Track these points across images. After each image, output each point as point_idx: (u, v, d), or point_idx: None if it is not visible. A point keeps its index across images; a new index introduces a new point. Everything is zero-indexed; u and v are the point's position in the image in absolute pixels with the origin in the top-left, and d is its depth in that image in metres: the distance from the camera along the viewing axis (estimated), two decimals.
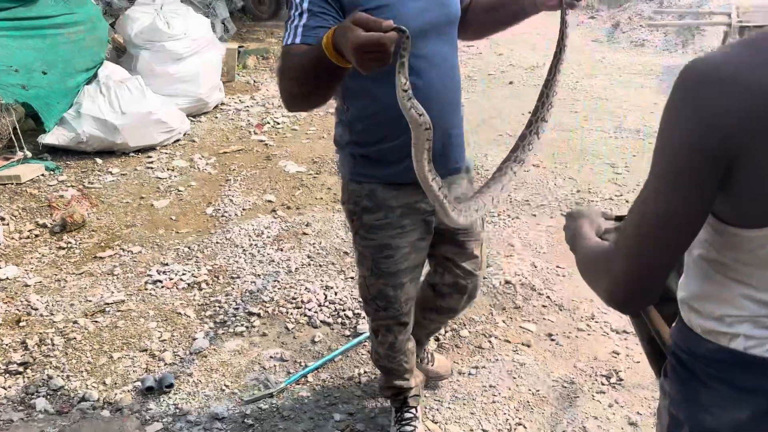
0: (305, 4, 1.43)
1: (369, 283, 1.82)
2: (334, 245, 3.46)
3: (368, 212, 1.72)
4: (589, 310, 2.70)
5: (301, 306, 2.89)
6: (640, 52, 6.59)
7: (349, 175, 1.74)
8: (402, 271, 1.79)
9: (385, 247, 1.74)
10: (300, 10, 1.43)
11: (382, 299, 1.83)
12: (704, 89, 0.79)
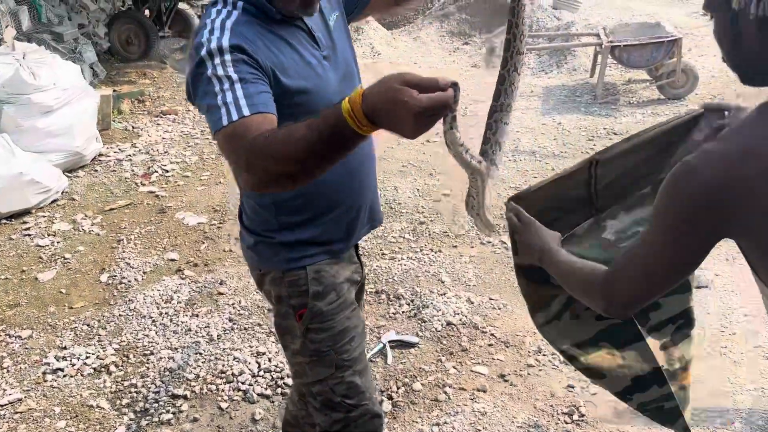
0: (233, 74, 1.21)
1: (334, 383, 1.55)
2: (255, 303, 3.20)
3: (319, 298, 1.49)
4: (535, 343, 2.67)
5: (233, 380, 2.61)
6: None
7: (283, 266, 1.49)
8: (362, 353, 1.60)
9: (344, 331, 1.53)
10: (228, 83, 1.20)
11: (353, 395, 1.57)
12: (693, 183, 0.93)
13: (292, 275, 1.49)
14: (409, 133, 1.00)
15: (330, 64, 1.43)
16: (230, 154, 1.18)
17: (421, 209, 4.06)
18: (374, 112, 1.01)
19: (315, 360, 1.53)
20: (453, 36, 8.49)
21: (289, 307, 1.51)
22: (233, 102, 1.18)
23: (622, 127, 5.15)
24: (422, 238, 3.71)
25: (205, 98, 1.22)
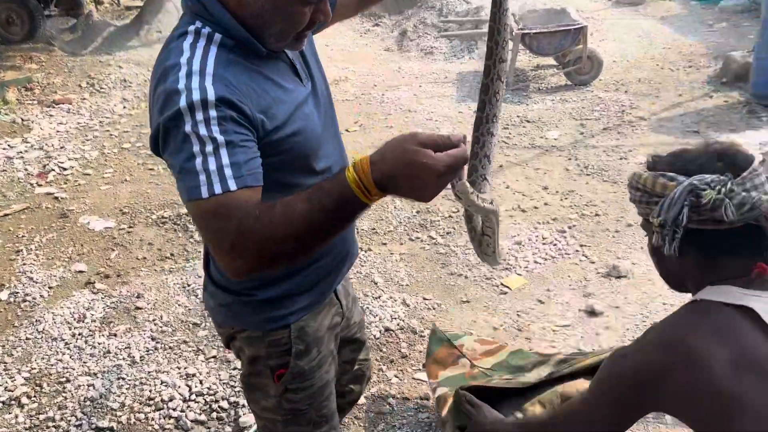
0: (218, 136, 1.02)
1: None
2: (178, 317, 3.02)
3: (302, 357, 1.38)
4: None
5: (163, 407, 2.45)
6: (432, 60, 6.90)
7: (264, 326, 1.36)
8: (335, 408, 1.53)
9: (323, 387, 1.45)
10: (211, 146, 1.01)
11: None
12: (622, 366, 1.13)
13: (274, 335, 1.36)
14: (429, 195, 0.95)
15: (313, 100, 1.28)
16: (209, 234, 1.04)
17: None
18: (389, 179, 0.94)
19: (290, 419, 1.43)
20: (363, 17, 8.36)
21: (266, 367, 1.39)
22: (216, 171, 1.01)
23: (535, 115, 5.28)
24: None
25: (179, 156, 1.03)
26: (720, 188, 1.04)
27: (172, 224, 3.89)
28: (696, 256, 1.11)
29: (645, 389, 1.07)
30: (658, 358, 1.06)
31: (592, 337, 2.74)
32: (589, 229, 3.60)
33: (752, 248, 1.09)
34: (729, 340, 1.03)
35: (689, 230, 1.07)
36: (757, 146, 4.42)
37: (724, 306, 1.06)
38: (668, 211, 1.07)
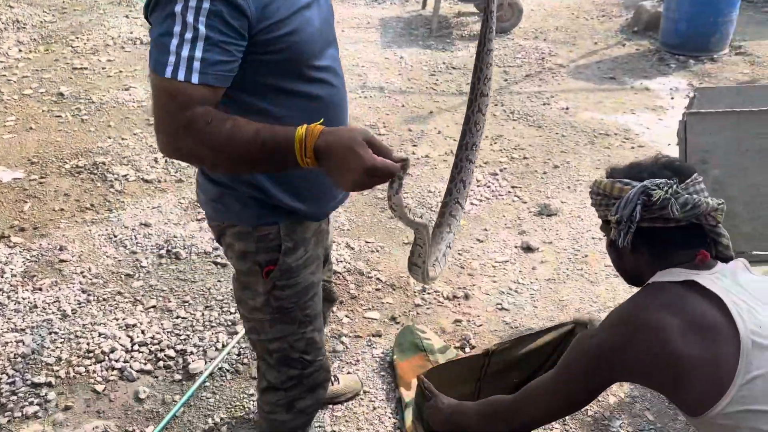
0: (201, 27, 1.05)
1: (294, 339, 1.51)
2: (108, 268, 2.87)
3: (290, 254, 1.41)
4: (419, 284, 2.73)
5: (104, 359, 2.34)
6: (352, 4, 6.74)
7: (253, 221, 1.38)
8: (320, 308, 1.58)
9: (309, 287, 1.49)
10: (192, 34, 1.05)
11: (311, 351, 1.55)
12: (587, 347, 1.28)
13: (263, 230, 1.39)
14: (349, 183, 1.06)
15: (316, 6, 1.27)
16: (159, 109, 1.11)
17: None
18: (326, 151, 1.05)
19: (277, 317, 1.47)
20: None
21: (255, 263, 1.42)
22: (186, 59, 1.05)
23: (459, 62, 5.31)
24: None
25: (159, 26, 1.07)
26: (667, 189, 1.22)
27: (89, 174, 3.65)
28: (648, 250, 1.29)
29: (609, 362, 1.23)
30: (618, 333, 1.23)
31: (529, 272, 2.85)
32: (519, 171, 3.71)
33: (696, 242, 1.28)
34: (678, 310, 1.18)
35: (642, 229, 1.25)
36: (667, 92, 4.69)
37: (672, 284, 1.23)
38: (624, 209, 1.24)
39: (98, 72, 5.03)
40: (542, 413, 1.38)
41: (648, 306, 1.22)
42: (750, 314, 1.14)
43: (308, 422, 1.70)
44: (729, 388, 1.10)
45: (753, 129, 2.37)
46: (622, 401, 2.13)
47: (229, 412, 2.14)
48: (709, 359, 1.13)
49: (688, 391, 1.15)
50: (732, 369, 1.11)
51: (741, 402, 1.09)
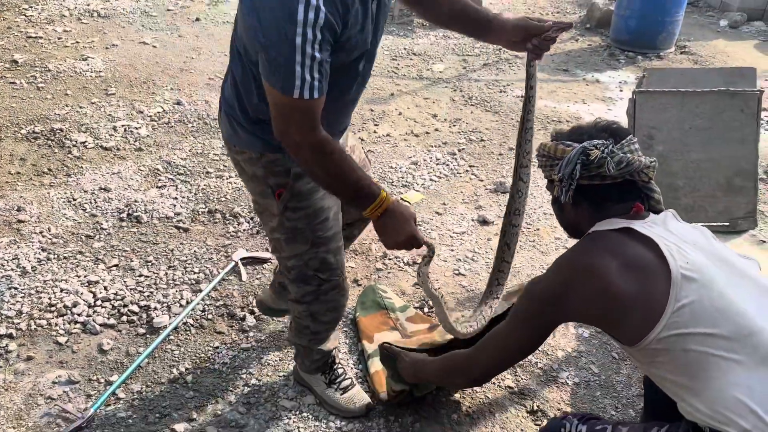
0: (317, 54, 1.29)
1: (308, 257, 1.69)
2: (68, 229, 2.85)
3: (299, 179, 1.58)
4: (380, 249, 2.82)
5: (66, 312, 2.34)
6: None
7: (260, 149, 1.56)
8: (336, 233, 1.73)
9: (319, 211, 1.65)
10: (311, 62, 1.29)
11: (324, 270, 1.73)
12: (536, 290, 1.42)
13: (270, 156, 1.56)
14: (393, 243, 1.51)
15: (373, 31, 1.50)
16: (286, 119, 1.35)
17: None
18: (391, 215, 1.47)
19: (291, 237, 1.66)
20: None
21: (267, 186, 1.60)
22: (309, 82, 1.30)
23: (420, 48, 5.42)
24: None
25: (281, 53, 1.27)
26: (604, 149, 1.35)
27: (46, 140, 3.59)
28: (588, 205, 1.42)
29: (555, 304, 1.35)
30: (562, 277, 1.35)
31: (484, 243, 2.98)
32: (476, 152, 3.84)
33: (630, 196, 1.41)
34: (616, 253, 1.30)
35: (582, 186, 1.39)
36: (616, 84, 4.92)
37: (610, 231, 1.36)
38: (566, 167, 1.38)
39: (54, 42, 4.92)
40: (496, 360, 1.50)
41: (588, 250, 1.36)
42: (680, 253, 1.28)
43: (331, 328, 1.91)
44: (661, 317, 1.24)
45: (695, 108, 2.56)
46: (569, 355, 2.28)
47: (194, 363, 2.18)
48: (645, 294, 1.26)
49: (627, 323, 1.28)
50: (664, 300, 1.24)
51: (672, 327, 1.23)
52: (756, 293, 1.27)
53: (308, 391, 2.06)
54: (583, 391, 2.14)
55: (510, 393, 2.11)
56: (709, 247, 1.34)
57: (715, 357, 1.19)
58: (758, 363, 1.18)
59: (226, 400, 2.04)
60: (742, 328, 1.20)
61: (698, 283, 1.24)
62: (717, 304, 1.22)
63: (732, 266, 1.31)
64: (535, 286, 1.42)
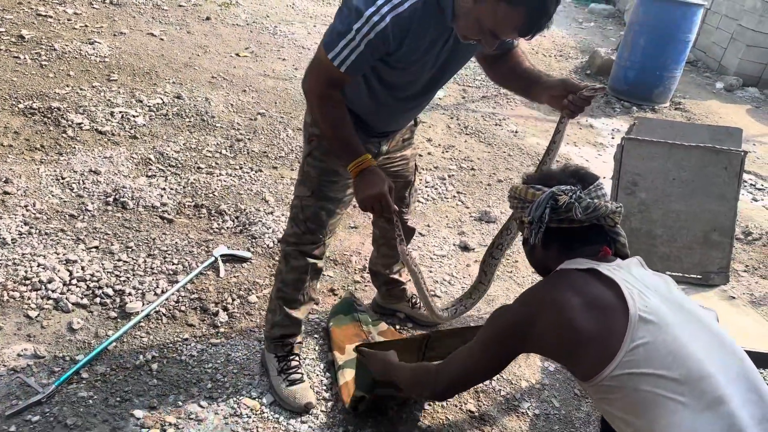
0: (362, 44, 1.52)
1: (306, 204, 1.93)
2: (53, 206, 2.86)
3: None
4: (360, 262, 2.85)
5: (41, 287, 2.34)
6: (327, 3, 6.88)
7: None
8: (339, 199, 1.94)
9: (333, 172, 1.88)
10: (355, 47, 1.53)
11: (314, 221, 1.94)
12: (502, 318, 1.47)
13: None
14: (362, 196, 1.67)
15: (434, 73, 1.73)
16: (313, 69, 1.64)
17: (237, 126, 3.94)
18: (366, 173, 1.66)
19: (302, 179, 1.93)
20: None
21: (308, 132, 1.89)
22: (346, 55, 1.55)
23: None
24: (240, 155, 3.62)
25: (340, 26, 1.54)
26: (571, 195, 1.42)
27: (42, 116, 3.60)
28: (556, 246, 1.48)
29: (518, 334, 1.41)
30: (527, 309, 1.41)
31: (463, 268, 3.02)
32: (465, 180, 3.90)
33: (597, 239, 1.47)
34: (579, 291, 1.35)
35: (551, 228, 1.45)
36: (609, 131, 5.02)
37: (576, 270, 1.42)
38: (536, 211, 1.44)
39: (63, 22, 4.95)
40: (460, 378, 1.55)
41: (553, 286, 1.41)
42: (640, 297, 1.33)
43: (299, 282, 2.05)
44: (617, 355, 1.28)
45: (681, 161, 2.63)
46: (532, 386, 2.30)
47: (162, 352, 2.18)
48: (603, 331, 1.31)
49: (584, 358, 1.33)
50: (620, 339, 1.28)
51: (626, 366, 1.27)
52: (708, 341, 1.31)
53: (269, 384, 2.09)
54: (542, 423, 2.16)
55: (470, 417, 2.13)
56: (668, 294, 1.39)
57: (665, 398, 1.22)
58: (704, 408, 1.21)
59: (188, 392, 2.04)
60: (692, 372, 1.23)
61: (654, 326, 1.28)
62: (670, 348, 1.26)
63: (688, 313, 1.35)
64: (502, 316, 1.47)
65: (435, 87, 1.83)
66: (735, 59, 6.62)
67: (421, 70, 1.69)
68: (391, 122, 1.92)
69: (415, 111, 1.94)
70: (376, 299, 2.57)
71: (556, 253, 1.48)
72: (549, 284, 1.44)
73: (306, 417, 2.02)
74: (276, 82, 4.70)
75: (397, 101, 1.80)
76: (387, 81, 1.72)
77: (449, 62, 1.73)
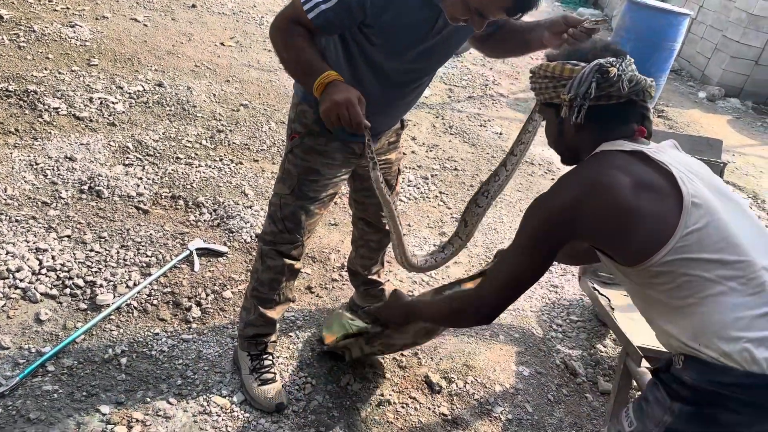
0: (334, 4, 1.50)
1: (284, 202, 1.90)
2: (25, 193, 2.79)
3: (313, 136, 1.81)
4: (339, 260, 2.82)
5: (8, 276, 2.28)
6: None
7: (302, 96, 1.82)
8: (319, 199, 1.92)
9: (314, 171, 1.85)
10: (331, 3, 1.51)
11: (291, 221, 1.91)
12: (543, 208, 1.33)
13: (303, 106, 1.82)
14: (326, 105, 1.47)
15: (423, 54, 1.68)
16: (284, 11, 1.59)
17: (219, 116, 3.88)
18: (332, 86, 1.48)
19: (282, 177, 1.91)
20: None
21: (291, 129, 1.87)
22: (318, 4, 1.52)
23: None
24: (221, 147, 3.57)
25: None
26: (619, 66, 1.32)
27: (18, 99, 3.52)
28: (594, 127, 1.37)
29: (566, 221, 1.29)
30: (572, 193, 1.29)
31: (443, 269, 3.00)
32: (448, 180, 3.88)
33: (634, 117, 1.38)
34: (630, 172, 1.27)
35: (590, 106, 1.34)
36: None
37: (620, 152, 1.32)
38: (579, 86, 1.32)
39: (44, 3, 4.84)
40: (508, 286, 1.38)
41: (600, 167, 1.30)
42: (690, 182, 1.28)
43: (275, 283, 2.01)
44: (670, 239, 1.23)
45: None
46: (506, 391, 2.30)
47: (131, 346, 2.13)
48: (656, 215, 1.24)
49: (634, 243, 1.26)
50: (674, 223, 1.23)
51: (679, 251, 1.23)
52: (750, 227, 1.29)
53: (240, 382, 2.05)
54: (514, 428, 2.15)
55: (443, 420, 2.12)
56: (710, 179, 1.34)
57: (714, 282, 1.21)
58: (750, 292, 1.20)
59: (158, 388, 2.00)
60: (741, 257, 1.22)
61: (705, 211, 1.24)
62: (722, 234, 1.23)
63: (730, 200, 1.32)
64: (542, 205, 1.33)
65: (422, 75, 1.78)
66: (718, 69, 6.69)
67: (405, 51, 1.64)
68: (378, 116, 1.83)
69: (402, 106, 1.89)
70: (353, 298, 2.54)
71: (591, 135, 1.37)
72: (594, 166, 1.32)
73: (277, 417, 1.99)
74: (260, 74, 4.64)
75: (383, 90, 1.74)
76: (372, 60, 1.67)
77: (437, 48, 1.68)
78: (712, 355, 1.20)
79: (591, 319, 2.80)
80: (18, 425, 1.78)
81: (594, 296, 2.57)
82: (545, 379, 2.39)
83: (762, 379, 1.16)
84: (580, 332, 2.71)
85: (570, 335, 2.68)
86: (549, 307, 2.85)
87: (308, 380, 2.16)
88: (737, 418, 1.18)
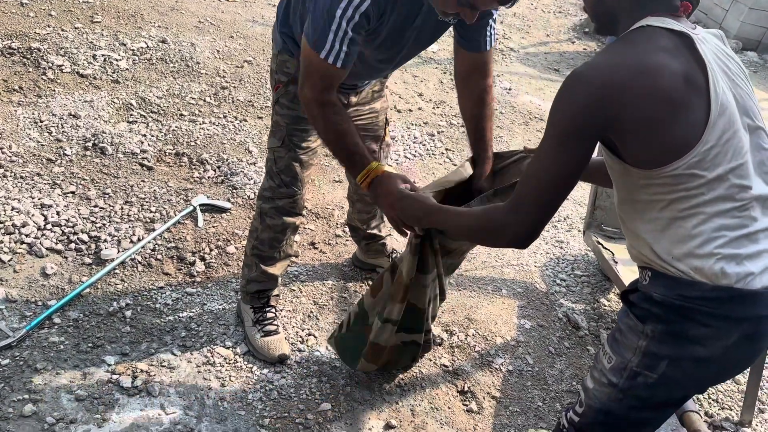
0: (349, 30, 1.46)
1: (278, 155, 1.90)
2: (30, 150, 2.80)
3: (296, 83, 1.72)
4: (342, 217, 2.82)
5: (14, 231, 2.31)
6: None
7: (281, 46, 1.79)
8: (311, 150, 1.92)
9: (302, 120, 1.82)
10: (344, 36, 1.46)
11: (288, 173, 1.91)
12: (582, 87, 1.15)
13: (284, 56, 1.79)
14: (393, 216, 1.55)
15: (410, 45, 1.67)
16: (306, 70, 1.54)
17: (223, 73, 3.84)
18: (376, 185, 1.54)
19: (273, 130, 1.90)
20: None
21: (274, 80, 1.86)
22: (337, 50, 1.48)
23: None
24: (225, 104, 3.55)
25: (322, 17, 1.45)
26: None
27: (21, 57, 3.50)
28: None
29: (609, 103, 1.12)
30: (615, 72, 1.13)
31: None
32: (455, 136, 3.84)
33: None
34: (677, 56, 1.15)
35: None
36: None
37: (667, 30, 1.18)
38: None
39: None
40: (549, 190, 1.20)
41: (646, 47, 1.17)
42: (723, 91, 1.18)
43: (275, 241, 2.02)
44: (691, 151, 1.14)
45: None
46: (507, 343, 2.31)
47: (136, 299, 2.17)
48: (689, 117, 1.14)
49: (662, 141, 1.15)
50: (698, 134, 1.14)
51: (692, 166, 1.15)
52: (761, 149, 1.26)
53: (244, 334, 2.09)
54: (515, 379, 2.18)
55: (444, 371, 2.15)
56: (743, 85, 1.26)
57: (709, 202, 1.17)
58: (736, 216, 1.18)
59: (162, 340, 2.04)
60: (743, 182, 1.19)
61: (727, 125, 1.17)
62: (735, 153, 1.18)
63: (753, 118, 1.26)
64: (576, 86, 1.16)
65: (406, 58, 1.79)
66: (736, 22, 6.49)
67: (393, 45, 1.65)
68: (363, 77, 1.87)
69: (387, 70, 1.89)
70: (356, 254, 2.55)
71: (633, 2, 1.22)
72: (638, 44, 1.17)
73: (279, 367, 2.02)
74: (265, 29, 4.58)
75: (368, 66, 1.76)
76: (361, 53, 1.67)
77: (420, 38, 1.68)
78: (682, 269, 1.18)
79: (596, 273, 2.80)
80: (25, 375, 1.82)
81: (597, 250, 2.56)
82: (547, 332, 2.40)
83: (728, 292, 1.16)
84: (584, 287, 2.71)
85: (574, 290, 2.68)
86: (553, 262, 2.84)
87: (311, 332, 2.18)
88: (707, 332, 1.18)
